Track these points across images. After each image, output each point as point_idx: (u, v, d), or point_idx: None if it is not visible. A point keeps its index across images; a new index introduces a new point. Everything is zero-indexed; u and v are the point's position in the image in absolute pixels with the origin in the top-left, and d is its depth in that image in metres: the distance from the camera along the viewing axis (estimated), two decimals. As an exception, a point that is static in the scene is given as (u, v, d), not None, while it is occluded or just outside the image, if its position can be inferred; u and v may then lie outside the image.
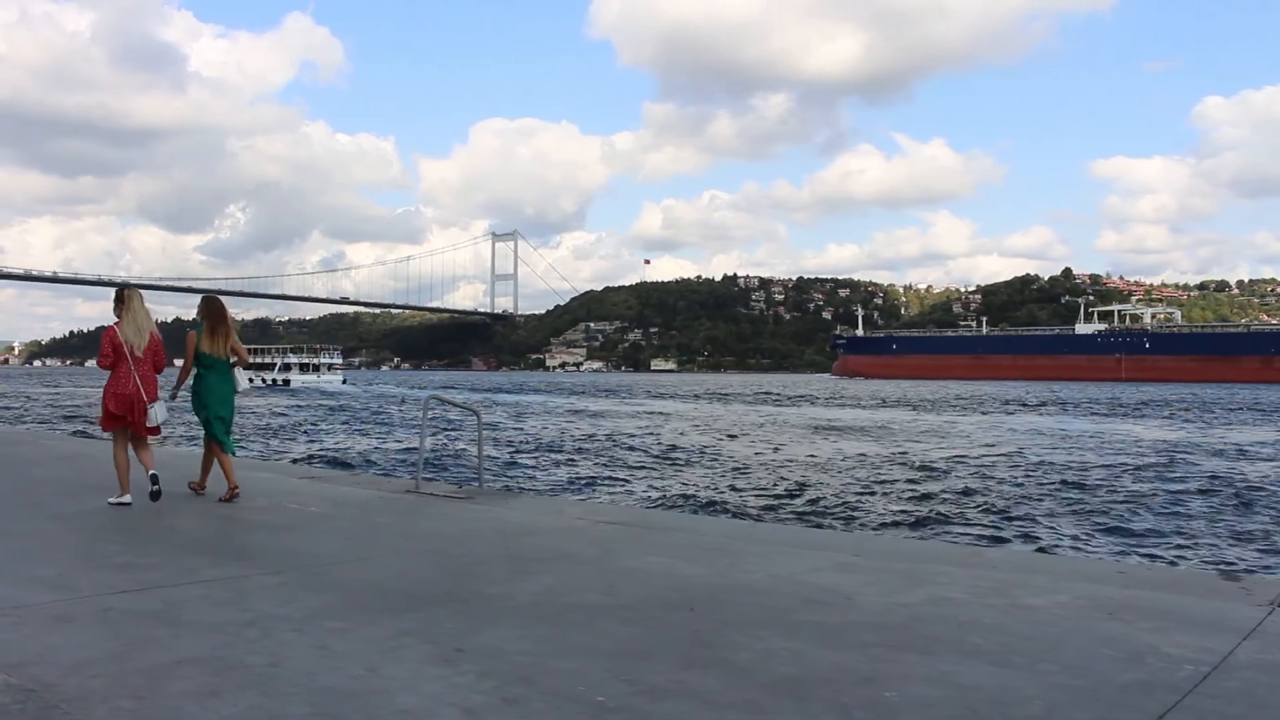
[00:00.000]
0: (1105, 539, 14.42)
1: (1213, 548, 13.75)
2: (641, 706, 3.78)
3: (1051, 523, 15.84)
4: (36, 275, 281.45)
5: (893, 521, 16.02)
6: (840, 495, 19.17)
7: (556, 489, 20.12)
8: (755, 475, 22.71)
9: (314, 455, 27.65)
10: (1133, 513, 16.81)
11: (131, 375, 8.96)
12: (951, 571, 6.39)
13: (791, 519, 16.22)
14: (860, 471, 23.39)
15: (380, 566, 6.50)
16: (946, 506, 17.66)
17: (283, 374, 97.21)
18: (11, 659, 4.26)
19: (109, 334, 9.06)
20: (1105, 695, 3.95)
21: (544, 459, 26.49)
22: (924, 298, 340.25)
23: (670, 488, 20.49)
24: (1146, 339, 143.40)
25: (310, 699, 3.80)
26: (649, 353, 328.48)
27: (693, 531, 8.22)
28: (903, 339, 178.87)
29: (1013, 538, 14.56)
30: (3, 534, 7.50)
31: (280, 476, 12.14)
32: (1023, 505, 17.79)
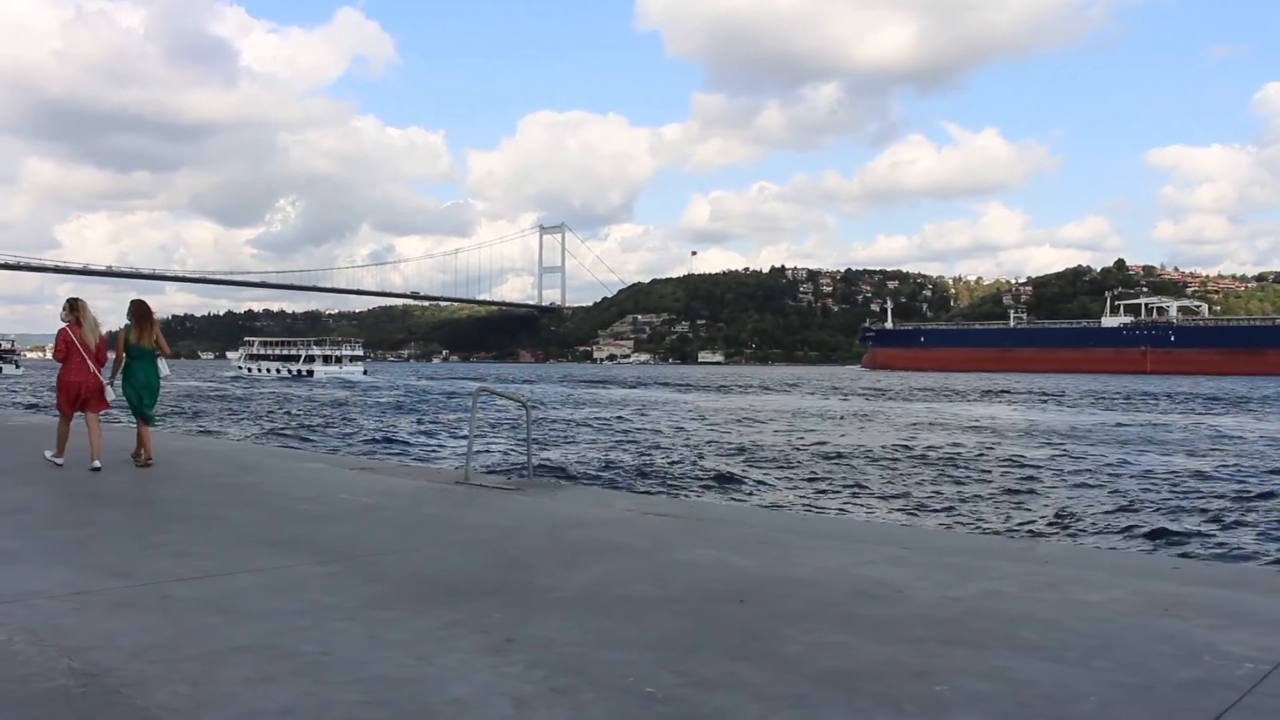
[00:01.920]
0: (1161, 534, 14.19)
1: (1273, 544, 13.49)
2: (690, 698, 3.77)
3: (1105, 517, 15.63)
4: (93, 270, 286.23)
5: (944, 515, 15.89)
6: (890, 489, 19.05)
7: (605, 481, 20.16)
8: (804, 468, 22.62)
9: (363, 445, 27.92)
10: (1189, 508, 16.55)
11: (84, 365, 11.15)
12: (1004, 565, 6.32)
13: (842, 512, 16.14)
14: (910, 465, 23.23)
15: (430, 557, 6.54)
16: (998, 500, 17.49)
17: (307, 365, 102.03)
18: (74, 643, 4.34)
19: (63, 334, 11.16)
20: (1162, 693, 3.89)
21: (592, 451, 26.54)
22: (974, 290, 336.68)
23: (720, 480, 20.45)
24: (1172, 332, 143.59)
25: (361, 687, 3.84)
26: (696, 345, 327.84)
27: (742, 524, 8.20)
28: (930, 332, 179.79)
29: (1066, 532, 14.39)
30: (63, 522, 7.67)
31: (331, 467, 12.27)
32: (1075, 499, 17.57)
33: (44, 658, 4.15)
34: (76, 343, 11.11)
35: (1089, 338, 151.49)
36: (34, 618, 4.78)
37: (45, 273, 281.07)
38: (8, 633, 4.50)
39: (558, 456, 24.70)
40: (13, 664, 4.06)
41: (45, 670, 3.99)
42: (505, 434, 30.56)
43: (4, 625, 4.62)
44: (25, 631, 4.52)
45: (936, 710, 3.68)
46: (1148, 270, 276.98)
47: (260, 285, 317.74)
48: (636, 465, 23.16)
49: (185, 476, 10.62)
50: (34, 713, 3.54)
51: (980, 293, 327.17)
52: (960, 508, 16.65)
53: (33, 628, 4.59)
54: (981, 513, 16.13)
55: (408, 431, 33.63)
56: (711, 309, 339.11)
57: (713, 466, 23.00)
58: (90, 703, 3.65)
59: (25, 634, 4.49)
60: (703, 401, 59.05)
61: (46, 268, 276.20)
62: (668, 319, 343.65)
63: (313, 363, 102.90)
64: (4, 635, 4.46)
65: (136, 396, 11.55)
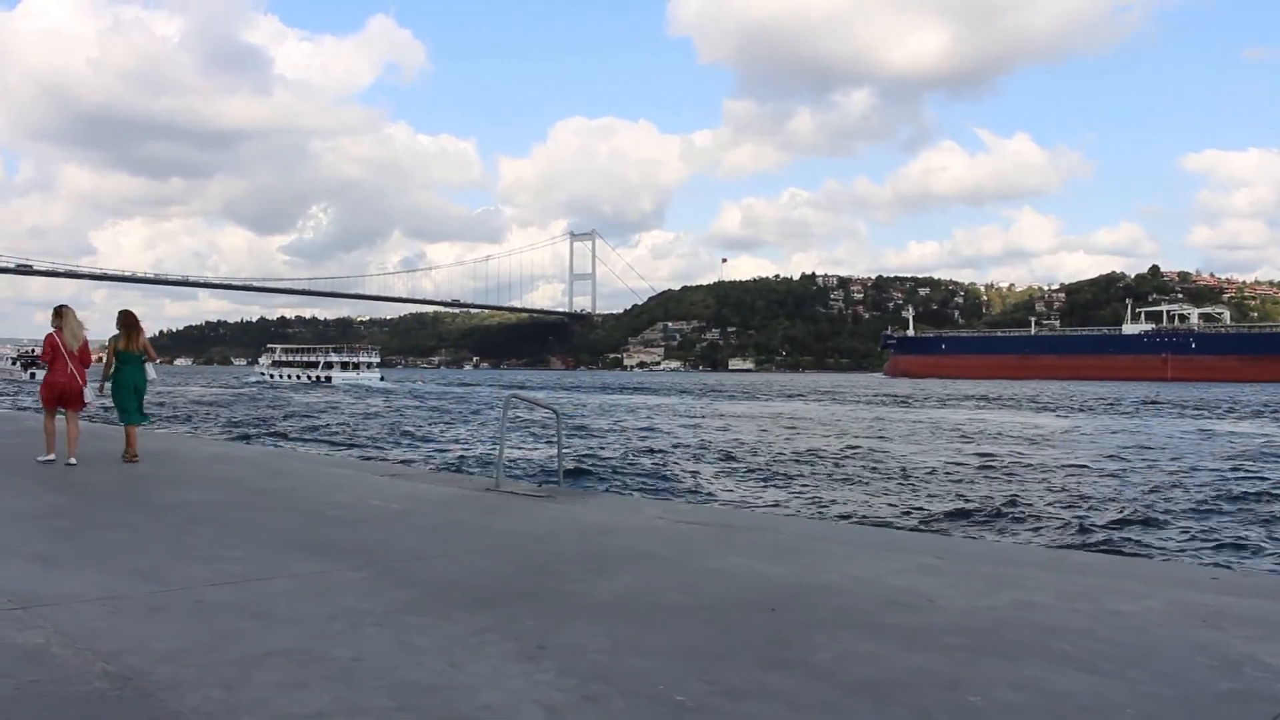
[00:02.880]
0: (1197, 544, 14.03)
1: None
2: (721, 706, 3.76)
3: (1139, 526, 15.47)
4: (128, 276, 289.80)
5: (975, 523, 15.77)
6: (921, 497, 18.94)
7: (635, 488, 20.15)
8: (832, 475, 22.53)
9: (392, 450, 28.06)
10: (1226, 517, 16.36)
11: (67, 367, 12.05)
12: (1037, 575, 6.27)
13: (872, 520, 16.05)
14: (939, 473, 23.08)
15: (461, 563, 6.56)
16: (1029, 509, 17.34)
17: (325, 371, 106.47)
18: (109, 647, 4.38)
19: (50, 339, 12.12)
20: (1201, 705, 3.84)
21: (623, 458, 26.54)
22: (1006, 296, 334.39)
23: (749, 487, 20.41)
24: (1193, 339, 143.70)
25: (393, 693, 3.85)
26: (727, 352, 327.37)
27: (773, 531, 8.17)
28: (951, 339, 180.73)
29: (1100, 541, 14.25)
30: (97, 526, 7.73)
31: (362, 474, 12.33)
32: (1108, 508, 17.40)
33: (80, 661, 4.19)
34: (62, 347, 12.04)
35: (1109, 345, 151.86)
36: (70, 621, 4.83)
37: (81, 279, 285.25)
38: (45, 636, 4.55)
39: (588, 463, 24.72)
40: (50, 667, 4.10)
41: (81, 673, 4.03)
42: (536, 441, 30.62)
43: (41, 629, 4.67)
44: (61, 635, 4.57)
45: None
46: (1183, 276, 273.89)
47: (292, 292, 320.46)
48: (667, 472, 23.15)
49: (217, 481, 10.70)
50: (71, 715, 3.57)
51: (1012, 299, 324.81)
52: (990, 516, 16.52)
53: (69, 631, 4.64)
54: (1012, 522, 15.99)
55: (438, 437, 33.76)
56: (742, 316, 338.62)
57: (742, 474, 22.95)
58: (125, 706, 3.67)
59: (61, 637, 4.53)
60: (730, 409, 58.94)
61: (82, 274, 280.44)
62: (698, 326, 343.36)
63: (331, 369, 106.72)
64: (41, 639, 4.51)
65: (124, 398, 12.55)
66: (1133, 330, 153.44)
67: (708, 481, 21.55)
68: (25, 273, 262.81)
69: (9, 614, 4.96)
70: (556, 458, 11.62)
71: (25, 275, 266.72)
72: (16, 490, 9.96)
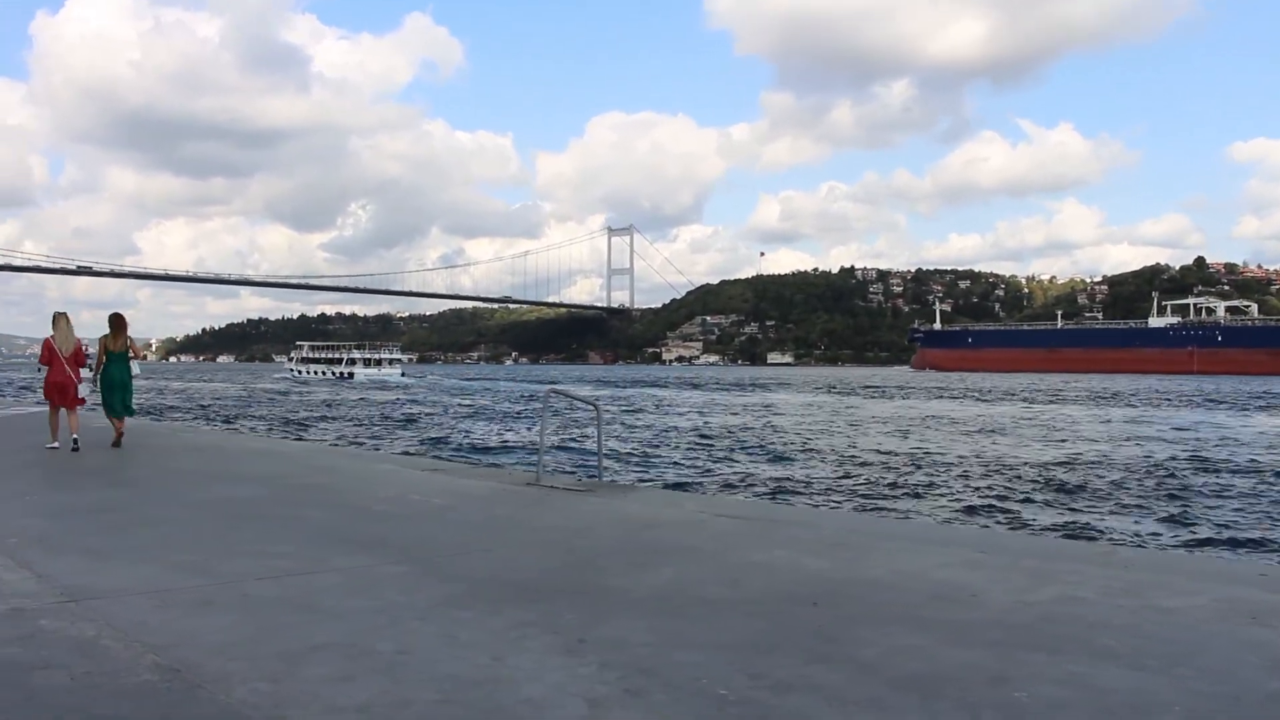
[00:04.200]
0: (1245, 539, 13.85)
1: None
2: (764, 700, 3.76)
3: (1184, 522, 15.30)
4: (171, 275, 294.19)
5: (1018, 518, 15.65)
6: (960, 491, 18.81)
7: (675, 482, 20.16)
8: (875, 469, 22.43)
9: (433, 446, 28.22)
10: (1274, 512, 16.13)
11: (63, 369, 13.56)
12: (1082, 570, 6.20)
13: (915, 514, 15.97)
14: (978, 467, 22.92)
15: (503, 558, 6.59)
16: (1072, 503, 17.19)
17: (348, 368, 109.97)
18: (158, 640, 4.45)
19: (47, 343, 13.77)
20: (1250, 703, 3.79)
21: (662, 452, 26.56)
22: (1047, 289, 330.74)
23: (789, 481, 20.36)
24: (1219, 332, 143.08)
25: (438, 686, 3.88)
26: (765, 346, 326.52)
27: (814, 525, 8.16)
28: (978, 332, 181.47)
29: (1144, 536, 14.10)
30: (146, 520, 7.84)
31: (403, 469, 12.42)
32: (1152, 502, 17.22)
33: (130, 653, 4.26)
34: (56, 351, 13.66)
35: (1136, 338, 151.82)
36: (121, 614, 4.90)
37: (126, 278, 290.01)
38: (96, 629, 4.62)
39: (628, 457, 24.76)
40: (103, 659, 4.17)
41: (132, 665, 4.09)
42: (575, 435, 30.70)
43: (93, 621, 4.75)
44: (113, 628, 4.64)
45: (1016, 717, 3.62)
46: (1229, 268, 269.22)
47: (331, 289, 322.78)
48: (706, 466, 23.14)
49: (262, 476, 10.82)
50: (123, 707, 3.63)
51: (1054, 292, 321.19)
52: (1033, 511, 16.39)
53: (120, 624, 4.71)
54: (1056, 516, 15.86)
55: (479, 433, 33.93)
56: (780, 310, 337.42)
57: (783, 467, 22.90)
58: (175, 698, 3.73)
59: (113, 630, 4.61)
60: (768, 401, 58.78)
61: (140, 275, 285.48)
62: (736, 320, 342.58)
63: (354, 366, 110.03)
64: (93, 631, 4.58)
65: (110, 392, 13.97)
66: (1159, 323, 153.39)
67: (748, 475, 21.52)
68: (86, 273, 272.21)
69: (62, 607, 5.05)
70: (597, 452, 11.63)
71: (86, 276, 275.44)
72: (70, 484, 10.14)
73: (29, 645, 4.38)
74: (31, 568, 6.02)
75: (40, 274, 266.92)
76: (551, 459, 22.40)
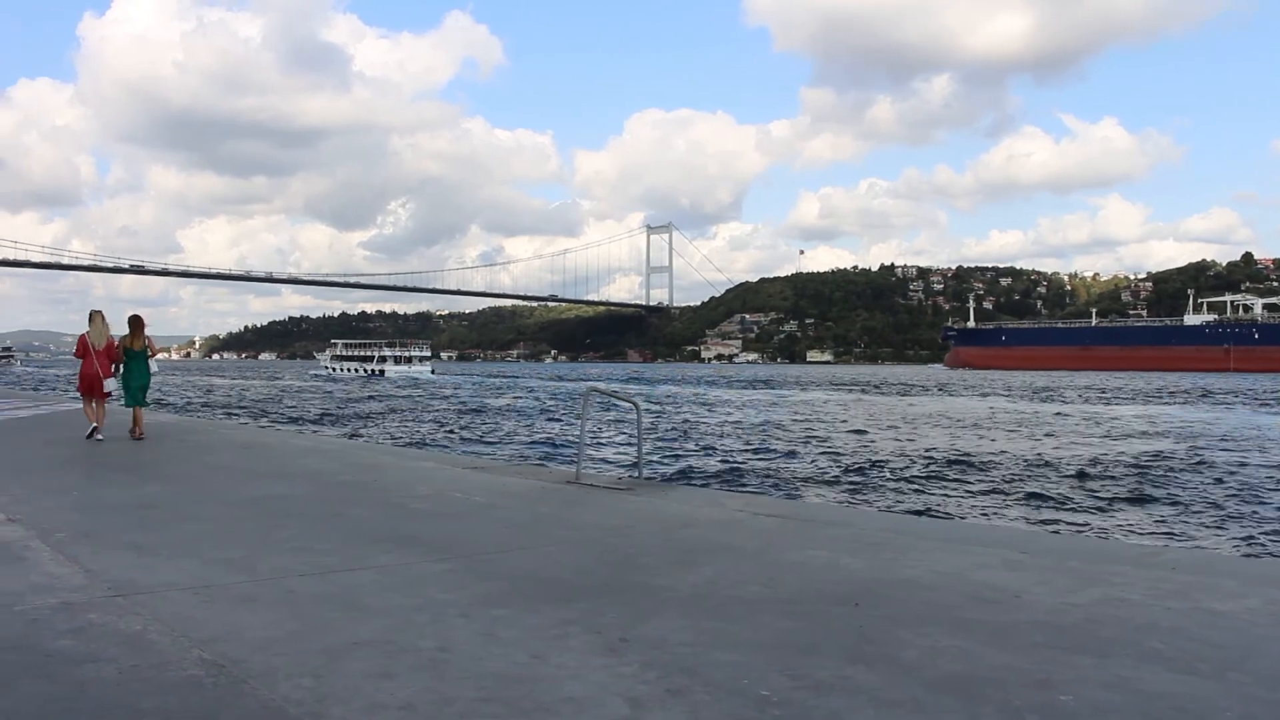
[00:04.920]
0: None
1: None
2: (805, 701, 3.74)
3: (1233, 522, 15.08)
4: (214, 273, 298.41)
5: (1059, 517, 15.49)
6: (999, 490, 18.65)
7: (715, 481, 20.12)
8: (914, 469, 22.28)
9: (473, 444, 28.35)
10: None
11: (93, 363, 14.82)
12: (1127, 571, 6.12)
13: (953, 513, 15.85)
14: (1022, 466, 22.70)
15: (543, 556, 6.60)
16: (1114, 503, 16.99)
17: (379, 365, 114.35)
18: (203, 635, 4.50)
19: (82, 339, 15.06)
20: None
21: (702, 451, 26.52)
22: (1090, 286, 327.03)
23: (828, 480, 20.27)
24: (1256, 329, 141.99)
25: (479, 684, 3.89)
26: (805, 344, 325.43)
27: (853, 525, 8.11)
28: (1011, 330, 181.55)
29: (1192, 537, 13.91)
30: (189, 517, 7.93)
31: (444, 466, 12.48)
32: (1200, 503, 16.98)
33: (176, 648, 4.31)
34: (90, 346, 14.90)
35: (1171, 336, 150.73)
36: (166, 609, 4.96)
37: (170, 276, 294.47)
38: (143, 623, 4.68)
39: (668, 456, 24.75)
40: (149, 653, 4.22)
41: (178, 660, 4.14)
42: (615, 434, 30.73)
43: (139, 616, 4.81)
44: (159, 622, 4.70)
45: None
46: (1278, 263, 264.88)
47: (372, 287, 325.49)
48: (746, 465, 23.08)
49: (304, 474, 10.91)
50: (169, 700, 3.67)
51: (1097, 289, 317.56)
52: (1074, 511, 16.21)
53: (165, 619, 4.77)
54: (1097, 516, 15.68)
55: (520, 431, 34.04)
56: (820, 308, 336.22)
57: (821, 466, 22.81)
58: (220, 693, 3.77)
59: (159, 624, 4.66)
60: (802, 400, 58.55)
61: (171, 272, 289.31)
62: (776, 318, 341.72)
63: (384, 363, 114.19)
64: (139, 625, 4.64)
65: (128, 387, 15.24)
66: (1194, 321, 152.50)
67: (787, 474, 21.44)
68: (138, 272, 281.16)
69: (110, 601, 5.12)
70: (637, 451, 11.62)
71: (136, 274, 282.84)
72: (113, 480, 10.27)
73: (79, 638, 4.45)
74: (79, 562, 6.11)
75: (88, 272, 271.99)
76: (593, 456, 22.43)
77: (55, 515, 7.91)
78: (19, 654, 4.21)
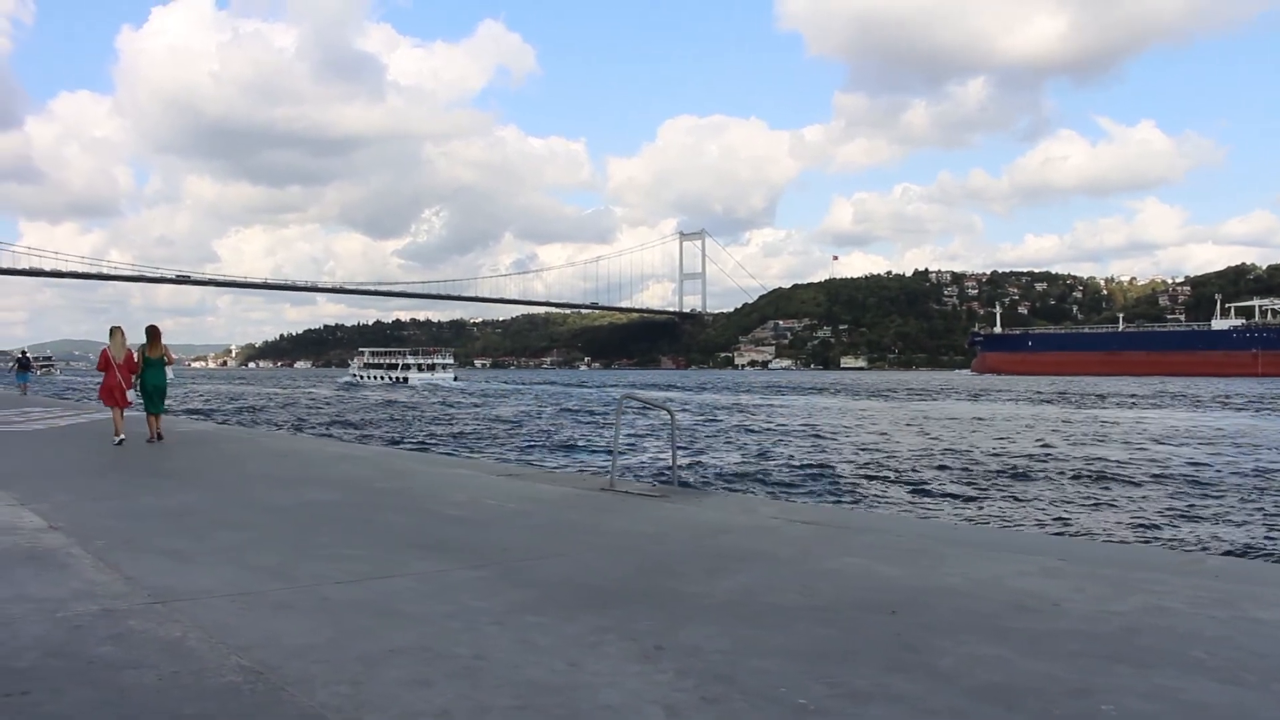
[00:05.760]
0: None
1: None
2: (843, 710, 3.71)
3: (1273, 530, 14.86)
4: (249, 282, 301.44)
5: (1096, 524, 15.33)
6: (1035, 497, 18.48)
7: (749, 487, 20.07)
8: (949, 475, 22.13)
9: (506, 450, 28.42)
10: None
11: (115, 374, 15.99)
12: (1168, 579, 6.04)
13: (990, 520, 15.73)
14: (1057, 472, 22.49)
15: (577, 563, 6.60)
16: (1152, 510, 16.80)
17: (404, 373, 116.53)
18: (241, 641, 4.53)
19: (104, 352, 16.21)
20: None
21: (736, 457, 26.46)
22: (1127, 290, 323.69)
23: (863, 487, 20.17)
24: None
25: (515, 691, 3.89)
26: (838, 350, 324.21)
27: (889, 532, 8.06)
28: (1038, 336, 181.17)
29: (1234, 544, 13.72)
30: (226, 524, 7.99)
31: (478, 473, 12.52)
32: (1242, 510, 16.75)
33: (215, 655, 4.34)
34: (111, 360, 16.03)
35: (1198, 340, 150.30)
36: (205, 616, 5.00)
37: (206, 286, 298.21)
38: (182, 630, 4.72)
39: (702, 462, 24.71)
40: (189, 659, 4.25)
41: (217, 666, 4.17)
42: (649, 440, 30.71)
43: (178, 622, 4.85)
44: (198, 629, 4.74)
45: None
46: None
47: (406, 295, 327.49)
48: (780, 472, 23.01)
49: (338, 481, 10.98)
50: (210, 706, 3.70)
51: (1134, 293, 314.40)
52: (1112, 518, 16.04)
53: (204, 625, 4.80)
54: (1136, 524, 15.50)
55: (552, 438, 34.09)
56: (854, 314, 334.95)
57: (856, 473, 22.69)
58: (259, 699, 3.79)
59: (198, 631, 4.70)
60: (838, 406, 58.30)
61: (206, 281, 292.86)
62: (809, 324, 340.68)
63: (409, 370, 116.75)
64: (179, 632, 4.68)
65: (146, 395, 16.30)
66: (1222, 326, 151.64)
67: (822, 481, 21.36)
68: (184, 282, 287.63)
69: (150, 608, 5.16)
70: (670, 457, 11.61)
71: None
72: (150, 488, 10.37)
73: (120, 645, 4.49)
74: (119, 569, 6.17)
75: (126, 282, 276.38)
76: (626, 463, 22.43)
77: (95, 522, 8.00)
78: (63, 660, 4.26)
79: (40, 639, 4.58)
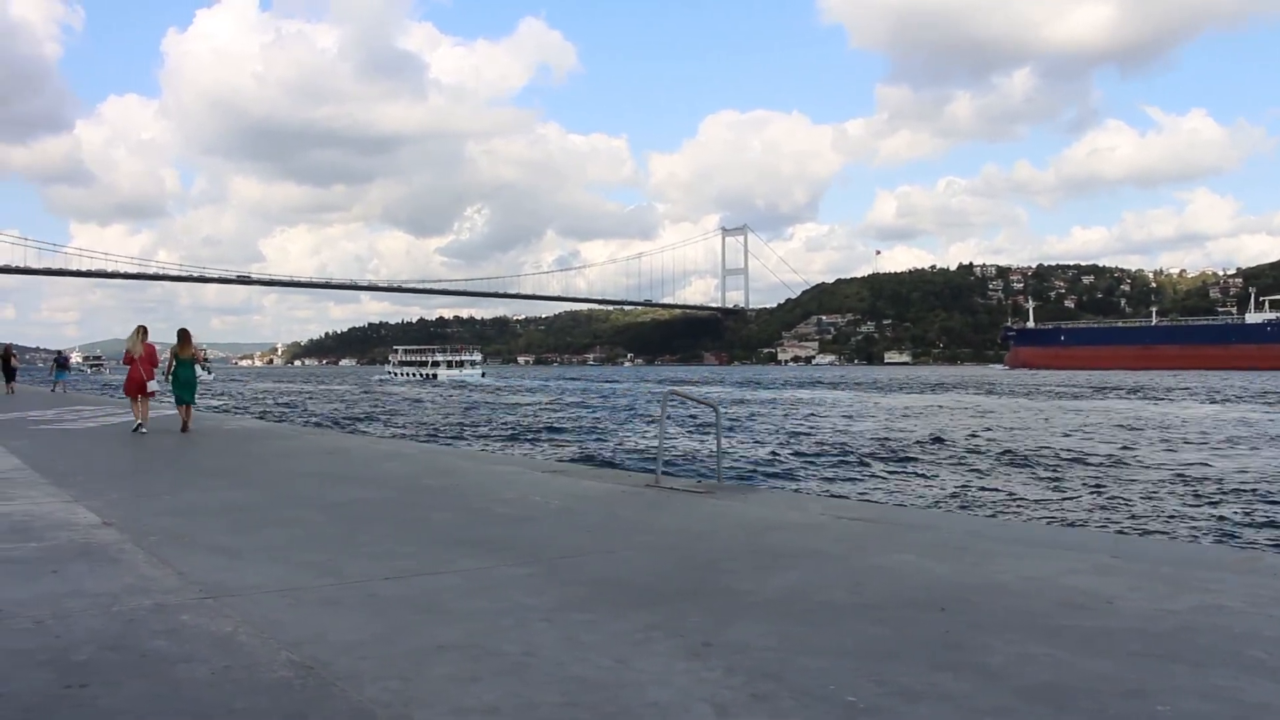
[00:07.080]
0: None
1: None
2: (893, 708, 3.67)
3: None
4: (295, 281, 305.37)
5: (1150, 521, 15.12)
6: (1089, 492, 18.26)
7: (796, 483, 19.99)
8: (998, 470, 21.93)
9: (552, 447, 28.50)
10: None
11: (137, 368, 17.96)
12: (1225, 578, 5.93)
13: (1041, 517, 15.56)
14: (1110, 466, 22.22)
15: (624, 560, 6.60)
16: (1207, 507, 16.54)
17: (432, 369, 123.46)
18: (291, 636, 4.57)
19: (128, 350, 18.05)
20: None
21: (782, 453, 26.37)
22: (1176, 283, 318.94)
23: (912, 483, 20.04)
24: None
25: (563, 688, 3.89)
26: (882, 345, 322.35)
27: (939, 528, 7.98)
28: (1071, 330, 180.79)
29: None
30: (275, 521, 8.07)
31: (524, 470, 12.56)
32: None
33: (266, 650, 4.38)
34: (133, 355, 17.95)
35: (1232, 334, 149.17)
36: (255, 611, 5.05)
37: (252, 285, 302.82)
38: (233, 625, 4.77)
39: (748, 458, 24.65)
40: (240, 654, 4.30)
41: (268, 661, 4.21)
42: (695, 436, 30.67)
43: (229, 618, 4.90)
44: (248, 624, 4.78)
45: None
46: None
47: (449, 293, 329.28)
48: (827, 467, 22.90)
49: (386, 478, 11.06)
50: (261, 700, 3.73)
51: (1184, 286, 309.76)
52: (1166, 514, 15.81)
53: (255, 621, 4.85)
54: (1191, 520, 15.27)
55: (596, 434, 34.15)
56: (897, 308, 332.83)
57: (905, 469, 22.54)
58: (309, 694, 3.82)
59: (249, 627, 4.74)
60: (884, 401, 57.93)
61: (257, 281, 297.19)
62: (853, 319, 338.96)
63: (437, 367, 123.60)
64: (230, 627, 4.73)
65: (178, 389, 18.23)
66: (1256, 319, 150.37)
67: (868, 476, 21.23)
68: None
69: (202, 603, 5.22)
70: (716, 453, 11.58)
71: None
72: (199, 485, 10.50)
73: (173, 639, 4.54)
74: (171, 565, 6.25)
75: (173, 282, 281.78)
76: (673, 459, 22.41)
77: (148, 519, 8.10)
78: (118, 653, 4.32)
79: (96, 633, 4.65)
